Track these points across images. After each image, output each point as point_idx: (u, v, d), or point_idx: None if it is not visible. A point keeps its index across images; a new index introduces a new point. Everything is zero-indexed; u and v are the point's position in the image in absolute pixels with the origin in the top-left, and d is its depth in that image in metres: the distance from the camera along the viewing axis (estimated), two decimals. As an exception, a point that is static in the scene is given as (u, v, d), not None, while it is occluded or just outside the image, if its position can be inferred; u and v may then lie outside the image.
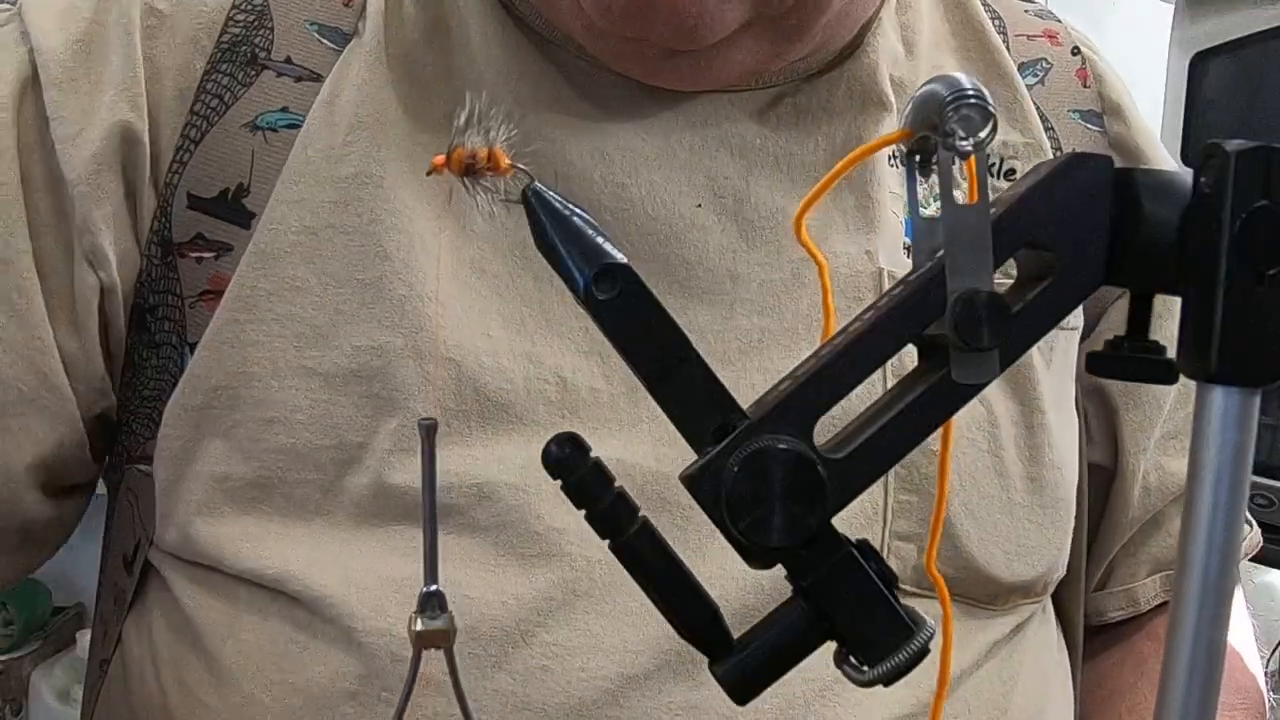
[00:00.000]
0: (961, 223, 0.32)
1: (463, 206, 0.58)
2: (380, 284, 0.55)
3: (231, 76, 0.58)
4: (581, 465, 0.32)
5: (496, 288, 0.57)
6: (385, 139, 0.57)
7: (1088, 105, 0.69)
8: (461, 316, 0.56)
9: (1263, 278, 0.30)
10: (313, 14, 0.60)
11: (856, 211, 0.61)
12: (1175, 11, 1.67)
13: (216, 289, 0.57)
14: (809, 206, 0.36)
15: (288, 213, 0.56)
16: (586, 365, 0.57)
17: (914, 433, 0.33)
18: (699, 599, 0.33)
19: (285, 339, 0.56)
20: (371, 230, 0.56)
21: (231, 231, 0.57)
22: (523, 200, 0.32)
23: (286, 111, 0.58)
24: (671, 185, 0.58)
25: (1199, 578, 0.30)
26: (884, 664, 0.33)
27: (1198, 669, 0.30)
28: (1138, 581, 0.73)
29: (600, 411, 0.56)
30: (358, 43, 0.59)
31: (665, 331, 0.32)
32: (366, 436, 0.55)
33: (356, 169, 0.56)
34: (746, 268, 0.59)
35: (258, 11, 0.59)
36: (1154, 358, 0.34)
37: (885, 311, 0.33)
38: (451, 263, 0.56)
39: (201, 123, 0.58)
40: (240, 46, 0.58)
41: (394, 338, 0.55)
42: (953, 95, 0.32)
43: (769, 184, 0.60)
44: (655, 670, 0.54)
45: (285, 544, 0.56)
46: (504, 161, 0.33)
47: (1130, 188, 0.33)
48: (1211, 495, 0.30)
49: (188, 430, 0.57)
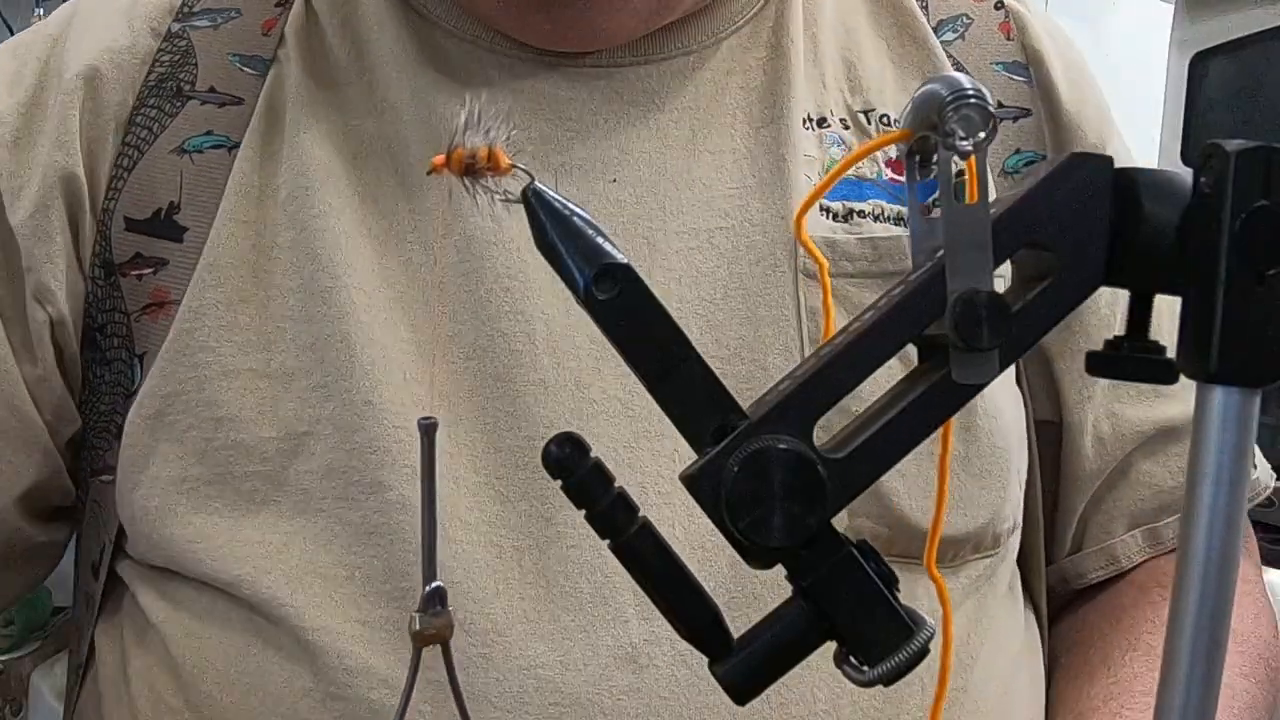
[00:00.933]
0: (961, 223, 0.32)
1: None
2: (311, 283, 0.60)
3: (159, 109, 0.64)
4: (581, 465, 0.32)
5: (420, 281, 0.60)
6: (312, 153, 0.62)
7: (1011, 57, 0.69)
8: (386, 306, 0.60)
9: (1263, 278, 0.30)
10: (234, 46, 0.66)
11: (771, 175, 0.63)
12: (1175, 11, 1.67)
13: (158, 301, 0.62)
14: (808, 207, 0.36)
15: (235, 230, 0.61)
16: (513, 344, 0.60)
17: (914, 432, 0.33)
18: (699, 599, 0.33)
19: (234, 345, 0.60)
20: (303, 238, 0.61)
21: (166, 247, 0.62)
22: (523, 200, 0.32)
23: (211, 134, 0.64)
24: (585, 163, 0.61)
25: (1199, 578, 0.30)
26: (884, 664, 0.33)
27: (1198, 668, 0.30)
28: (1115, 538, 0.72)
29: (521, 373, 0.59)
30: (279, 68, 0.64)
31: (665, 331, 0.32)
32: (310, 425, 0.58)
33: (290, 188, 0.62)
34: (664, 238, 0.60)
35: (183, 50, 0.66)
36: (1154, 358, 0.34)
37: (885, 311, 0.33)
38: (377, 261, 0.61)
39: (133, 152, 0.63)
40: (166, 82, 0.65)
41: (324, 327, 0.59)
42: (953, 95, 0.32)
43: (683, 154, 0.63)
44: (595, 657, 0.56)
45: (235, 545, 0.59)
46: (504, 161, 0.33)
47: (1130, 188, 0.33)
48: (1211, 495, 0.30)
49: (145, 438, 0.61)
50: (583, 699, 0.55)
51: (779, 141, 0.63)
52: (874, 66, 0.67)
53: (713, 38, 0.65)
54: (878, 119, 0.66)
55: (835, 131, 0.65)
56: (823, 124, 0.65)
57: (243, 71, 0.65)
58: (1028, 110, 0.67)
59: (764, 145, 0.63)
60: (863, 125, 0.66)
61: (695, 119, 0.64)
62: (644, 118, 0.63)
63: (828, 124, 0.65)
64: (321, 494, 0.58)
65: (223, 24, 0.66)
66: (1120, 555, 0.72)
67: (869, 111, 0.66)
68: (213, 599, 0.59)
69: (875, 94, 0.66)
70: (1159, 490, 0.71)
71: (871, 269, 0.61)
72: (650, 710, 0.56)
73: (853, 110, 0.66)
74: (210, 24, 0.66)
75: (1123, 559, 0.72)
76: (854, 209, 0.63)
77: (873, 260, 0.61)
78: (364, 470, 0.57)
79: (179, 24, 0.66)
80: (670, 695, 0.56)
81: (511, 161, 0.33)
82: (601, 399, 0.59)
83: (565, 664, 0.56)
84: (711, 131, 0.64)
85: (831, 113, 0.66)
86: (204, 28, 0.66)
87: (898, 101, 0.67)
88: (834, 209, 0.63)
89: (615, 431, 0.59)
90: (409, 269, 0.61)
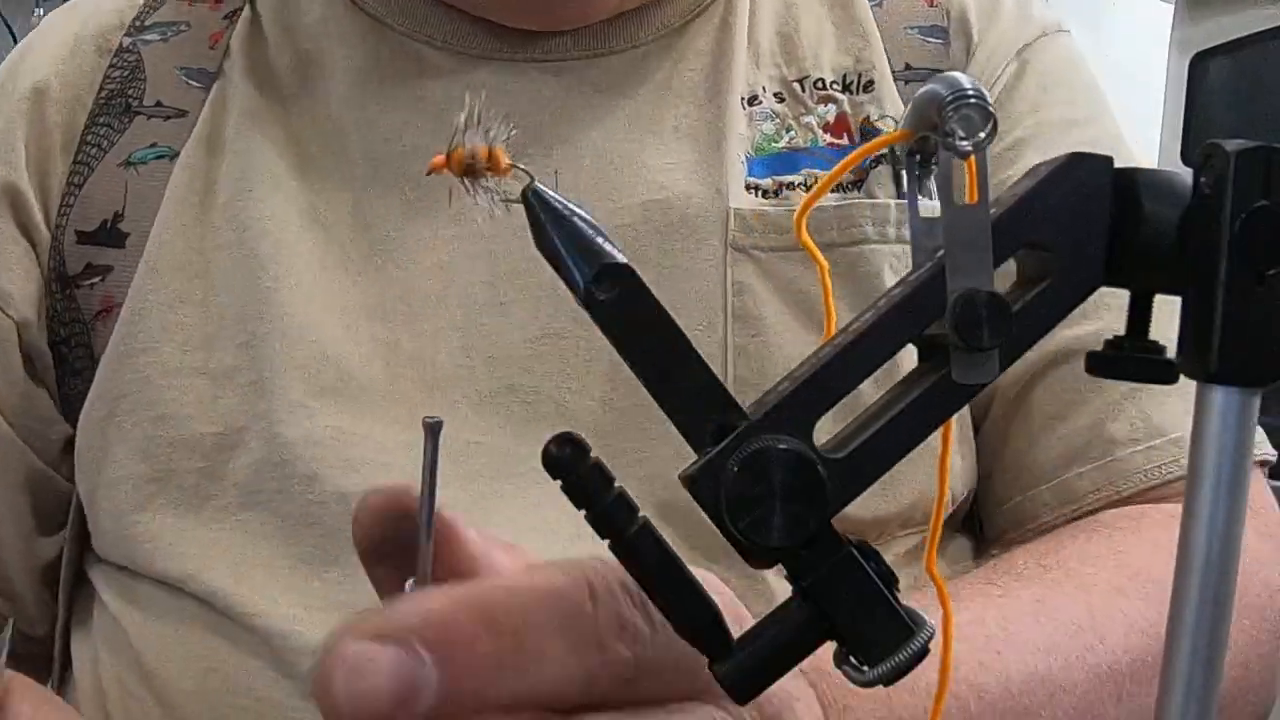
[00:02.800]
0: (961, 223, 0.32)
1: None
2: (251, 281, 0.62)
3: (109, 125, 0.66)
4: (581, 465, 0.32)
5: (360, 283, 0.62)
6: (255, 160, 0.64)
7: (931, 21, 0.71)
8: (325, 306, 0.61)
9: (1263, 278, 0.30)
10: (181, 60, 0.67)
11: (709, 150, 0.64)
12: (1175, 11, 1.68)
13: (106, 306, 0.64)
14: (808, 209, 0.36)
15: (175, 235, 0.63)
16: (446, 348, 0.62)
17: (914, 433, 0.33)
18: (700, 599, 0.33)
19: (174, 344, 0.62)
20: (244, 239, 0.62)
21: (110, 254, 0.65)
22: (523, 200, 0.32)
23: (155, 146, 0.66)
24: (529, 158, 0.63)
25: (1199, 578, 0.30)
26: (884, 664, 0.33)
27: (1197, 669, 0.30)
28: (1066, 475, 0.65)
29: (460, 387, 0.61)
30: (224, 81, 0.66)
31: (665, 332, 0.32)
32: (248, 420, 0.60)
33: (232, 192, 0.63)
34: (602, 217, 0.62)
35: (132, 66, 0.67)
36: (1154, 358, 0.34)
37: (885, 311, 0.33)
38: (318, 262, 0.62)
39: (84, 169, 0.66)
40: (116, 99, 0.67)
41: (261, 325, 0.61)
42: (952, 96, 0.32)
43: (629, 140, 0.64)
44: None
45: (183, 542, 0.61)
46: (504, 161, 0.33)
47: (1130, 188, 0.33)
48: (1211, 495, 0.30)
49: (98, 441, 0.63)
50: None
51: (719, 118, 0.65)
52: (812, 34, 0.69)
53: (662, 30, 0.67)
54: (812, 84, 0.67)
55: (766, 107, 0.66)
56: (753, 101, 0.67)
57: (188, 85, 0.66)
58: (937, 70, 0.68)
59: (706, 123, 0.65)
60: (797, 94, 0.67)
61: (642, 108, 0.65)
62: (591, 110, 0.65)
63: (758, 100, 0.67)
64: (258, 488, 0.60)
65: (172, 38, 0.68)
66: (1077, 490, 0.65)
67: (803, 79, 0.68)
68: (168, 595, 0.61)
69: (810, 61, 0.68)
70: (1059, 432, 0.66)
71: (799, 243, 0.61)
72: None
73: (787, 80, 0.68)
74: (160, 38, 0.68)
75: (1080, 493, 0.65)
76: (784, 182, 0.65)
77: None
78: (297, 464, 0.59)
79: (130, 39, 0.68)
80: None
81: (511, 161, 0.33)
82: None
83: None
84: (658, 115, 0.65)
85: (764, 89, 0.67)
86: (154, 42, 0.68)
87: (835, 63, 0.68)
88: (763, 185, 0.65)
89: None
90: (348, 269, 0.62)
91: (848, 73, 0.68)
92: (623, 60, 0.66)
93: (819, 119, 0.67)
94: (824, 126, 0.66)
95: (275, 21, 0.67)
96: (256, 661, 0.58)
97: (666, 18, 0.67)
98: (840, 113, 0.67)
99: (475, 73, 0.65)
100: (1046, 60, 0.72)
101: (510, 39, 0.66)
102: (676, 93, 0.66)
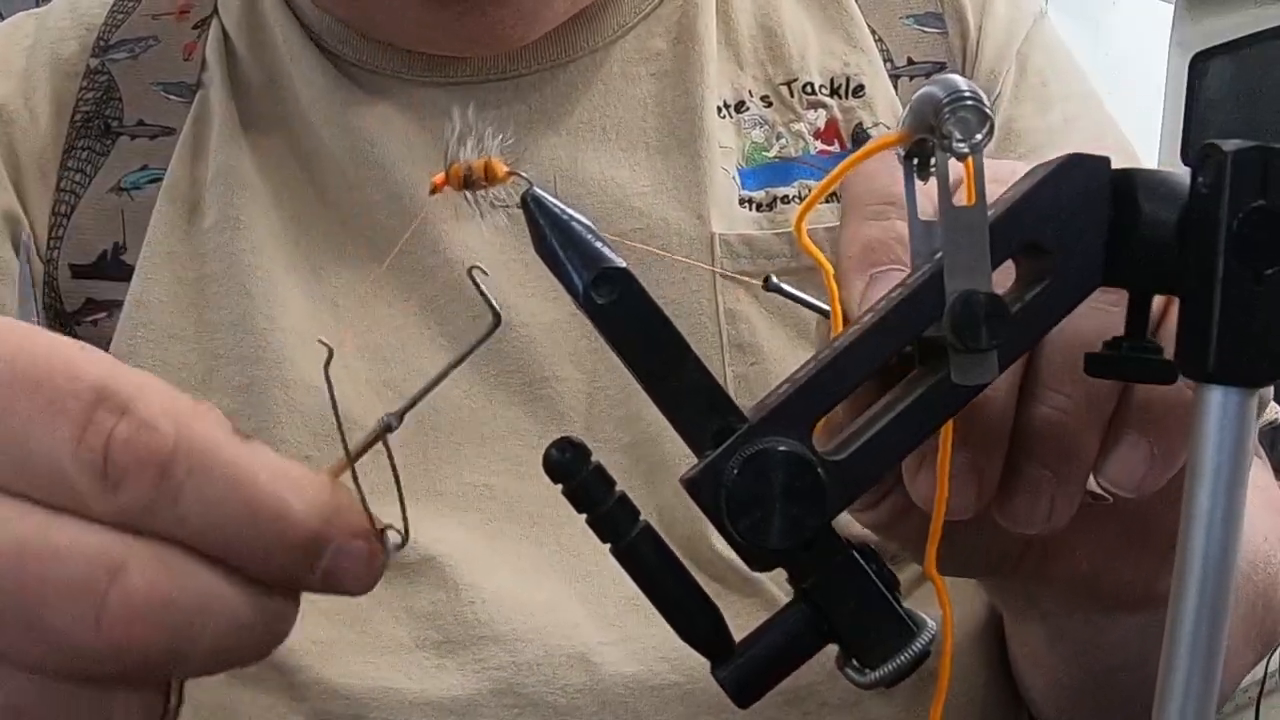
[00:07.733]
0: (959, 224, 0.32)
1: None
2: (245, 321, 0.59)
3: (90, 149, 0.63)
4: (582, 469, 0.32)
5: (350, 321, 0.60)
6: (238, 183, 0.61)
7: (925, 8, 0.68)
8: (320, 350, 0.59)
9: (1260, 277, 0.30)
10: (157, 75, 0.65)
11: (687, 173, 0.62)
12: (1175, 11, 1.68)
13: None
14: (807, 210, 0.36)
15: (160, 265, 0.61)
16: (444, 388, 0.60)
17: (914, 434, 0.33)
18: (701, 603, 0.33)
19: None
20: (233, 273, 0.60)
21: (118, 288, 0.61)
22: (521, 206, 0.32)
23: (147, 169, 0.63)
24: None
25: (1198, 578, 0.30)
26: (885, 666, 0.33)
27: (1196, 669, 0.30)
28: None
29: (461, 431, 0.59)
30: (204, 93, 0.64)
31: (663, 335, 0.32)
32: None
33: (216, 218, 0.61)
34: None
35: (104, 86, 0.65)
36: (1152, 358, 0.34)
37: (884, 313, 0.33)
38: (308, 301, 0.60)
39: (70, 198, 0.63)
40: (93, 121, 0.64)
41: (259, 370, 0.59)
42: (949, 98, 0.32)
43: (595, 155, 0.62)
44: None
45: None
46: (501, 170, 0.33)
47: (1128, 188, 0.33)
48: (1210, 495, 0.30)
49: None
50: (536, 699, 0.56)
51: (693, 135, 0.62)
52: (795, 31, 0.66)
53: (618, 30, 0.64)
54: (800, 89, 0.65)
55: (755, 113, 0.64)
56: (740, 108, 0.64)
57: (169, 99, 0.64)
58: (942, 64, 0.66)
59: (678, 139, 0.62)
60: (785, 99, 0.65)
61: (606, 116, 0.63)
62: (552, 123, 0.62)
63: (746, 107, 0.64)
64: None
65: (141, 53, 0.66)
66: None
67: (791, 82, 0.65)
68: None
69: (797, 61, 0.65)
70: None
71: (792, 264, 0.60)
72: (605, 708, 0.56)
73: (774, 84, 0.65)
74: (129, 55, 0.66)
75: None
76: (778, 195, 0.63)
77: (792, 255, 0.60)
78: None
79: (96, 59, 0.65)
80: (625, 693, 0.56)
81: (509, 169, 0.33)
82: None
83: (518, 665, 0.56)
84: (624, 127, 0.63)
85: (750, 93, 0.64)
86: (123, 60, 0.66)
87: (822, 66, 0.65)
88: (756, 198, 0.62)
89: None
90: (335, 310, 0.61)
91: (835, 77, 0.65)
92: (579, 67, 0.63)
93: (809, 125, 0.64)
94: (815, 133, 0.64)
95: (241, 39, 0.65)
96: (268, 699, 0.57)
97: (621, 17, 0.64)
98: (830, 118, 0.65)
99: (435, 95, 0.62)
100: (1040, 57, 0.70)
101: (458, 62, 0.64)
102: (640, 101, 0.63)
